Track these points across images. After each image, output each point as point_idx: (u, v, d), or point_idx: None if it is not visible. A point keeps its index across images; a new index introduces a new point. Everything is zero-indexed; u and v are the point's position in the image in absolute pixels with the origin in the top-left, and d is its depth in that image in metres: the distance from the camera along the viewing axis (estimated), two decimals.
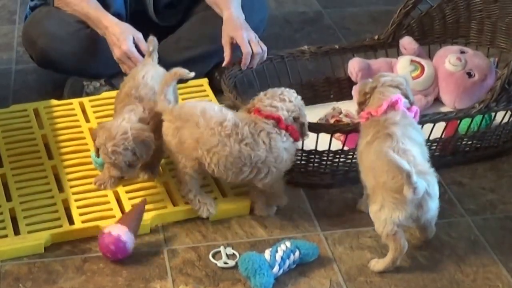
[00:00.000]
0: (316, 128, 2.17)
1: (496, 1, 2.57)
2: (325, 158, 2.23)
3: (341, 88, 2.68)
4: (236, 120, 2.03)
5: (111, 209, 2.08)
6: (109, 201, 2.11)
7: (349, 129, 2.18)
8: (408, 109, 2.03)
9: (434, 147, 2.32)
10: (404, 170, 1.81)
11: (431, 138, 2.27)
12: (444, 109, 2.55)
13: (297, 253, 1.94)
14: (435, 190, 1.91)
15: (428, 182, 1.87)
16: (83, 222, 2.04)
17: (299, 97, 2.11)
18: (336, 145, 2.23)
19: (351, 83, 2.63)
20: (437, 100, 2.62)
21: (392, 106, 2.00)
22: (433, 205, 1.92)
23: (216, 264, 1.96)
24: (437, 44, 2.73)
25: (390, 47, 2.73)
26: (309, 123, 2.12)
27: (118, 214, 2.06)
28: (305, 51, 2.63)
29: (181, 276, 1.93)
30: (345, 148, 2.22)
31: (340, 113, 2.52)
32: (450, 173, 2.33)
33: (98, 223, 2.03)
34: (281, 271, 1.91)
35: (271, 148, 2.02)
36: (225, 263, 1.96)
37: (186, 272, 1.94)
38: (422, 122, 2.16)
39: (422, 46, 2.70)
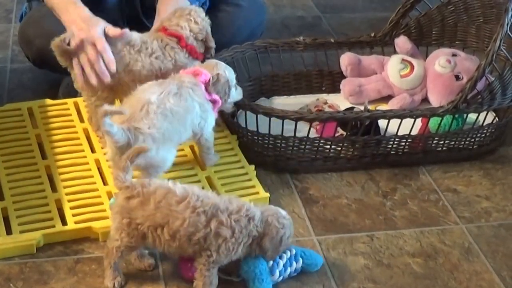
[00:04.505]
0: (295, 116, 2.24)
1: (493, 7, 2.58)
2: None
3: (334, 81, 2.73)
4: (143, 37, 2.22)
5: (104, 210, 2.07)
6: (102, 202, 2.10)
7: (326, 118, 2.27)
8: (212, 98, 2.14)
9: (403, 143, 2.35)
10: None
11: (399, 134, 2.32)
12: None
13: (300, 262, 1.92)
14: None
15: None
16: (76, 222, 2.03)
17: (207, 18, 2.29)
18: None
19: (344, 77, 2.69)
20: (426, 101, 2.65)
21: (195, 74, 2.13)
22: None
23: None
24: (435, 47, 2.75)
25: (386, 45, 2.77)
26: (289, 111, 2.25)
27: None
28: (300, 42, 2.68)
29: (173, 280, 1.92)
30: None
31: (325, 103, 2.57)
32: (445, 180, 2.34)
33: (91, 224, 2.02)
34: (281, 278, 1.90)
35: (176, 62, 2.23)
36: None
37: (178, 276, 1.93)
38: (388, 117, 2.26)
39: (420, 48, 2.73)
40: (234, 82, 2.21)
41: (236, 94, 2.22)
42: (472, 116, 2.39)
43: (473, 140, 2.42)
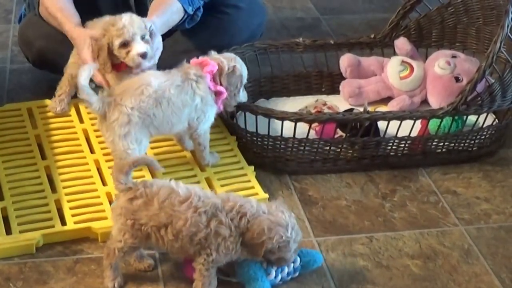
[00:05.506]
0: (294, 117, 2.24)
1: (493, 9, 2.58)
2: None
3: (333, 83, 2.74)
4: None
5: (103, 211, 2.07)
6: (101, 202, 2.10)
7: (326, 119, 2.27)
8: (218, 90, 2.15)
9: (402, 145, 2.35)
10: None
11: (398, 135, 2.32)
12: None
13: (297, 261, 1.91)
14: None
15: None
16: (75, 223, 2.03)
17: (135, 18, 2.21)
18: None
19: (343, 78, 2.70)
20: (425, 102, 2.65)
21: (203, 64, 2.14)
22: None
23: None
24: (435, 48, 2.75)
25: (386, 47, 2.77)
26: (288, 112, 2.25)
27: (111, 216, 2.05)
28: (300, 43, 2.69)
29: (172, 280, 1.92)
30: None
31: (324, 104, 2.57)
32: (444, 182, 2.34)
33: (90, 224, 2.02)
34: (279, 277, 1.89)
35: None
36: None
37: (177, 276, 1.93)
38: (388, 119, 2.27)
39: (420, 49, 2.74)
40: (245, 81, 2.22)
41: (243, 95, 2.23)
42: (471, 118, 2.40)
43: (472, 142, 2.42)
